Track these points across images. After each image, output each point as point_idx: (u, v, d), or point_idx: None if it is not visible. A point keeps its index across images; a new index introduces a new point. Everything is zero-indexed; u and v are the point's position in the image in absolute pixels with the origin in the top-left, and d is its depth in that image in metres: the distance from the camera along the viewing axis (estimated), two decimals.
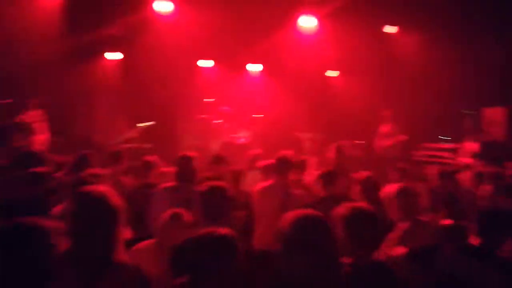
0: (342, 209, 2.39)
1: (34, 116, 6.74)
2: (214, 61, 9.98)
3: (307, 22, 9.26)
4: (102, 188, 2.33)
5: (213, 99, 8.10)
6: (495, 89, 7.95)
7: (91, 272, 1.99)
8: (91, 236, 2.07)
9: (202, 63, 10.09)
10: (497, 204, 3.57)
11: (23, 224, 1.78)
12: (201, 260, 2.05)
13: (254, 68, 10.57)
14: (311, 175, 5.64)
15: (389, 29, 9.64)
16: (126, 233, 2.90)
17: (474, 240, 2.60)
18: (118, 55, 9.54)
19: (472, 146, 7.00)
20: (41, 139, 6.63)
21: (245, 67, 10.56)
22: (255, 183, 5.24)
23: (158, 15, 8.56)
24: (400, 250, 2.94)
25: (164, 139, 8.57)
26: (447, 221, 3.04)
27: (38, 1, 7.47)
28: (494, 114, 7.68)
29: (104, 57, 9.53)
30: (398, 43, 9.62)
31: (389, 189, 3.83)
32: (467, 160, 6.72)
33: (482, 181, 4.46)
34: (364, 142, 8.65)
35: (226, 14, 8.65)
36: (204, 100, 9.16)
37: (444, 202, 3.89)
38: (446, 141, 8.57)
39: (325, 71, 10.96)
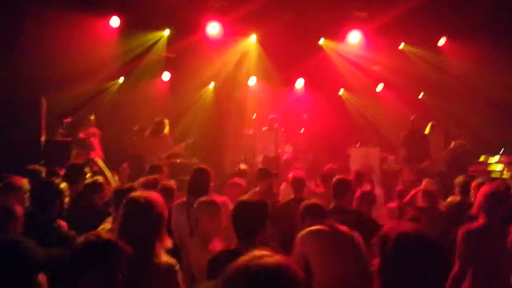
0: None
1: (90, 133, 7.28)
2: (261, 78, 10.19)
3: (354, 37, 9.24)
4: (151, 194, 2.53)
5: (256, 115, 8.22)
6: None
7: (132, 270, 2.07)
8: (136, 237, 2.25)
9: (250, 80, 10.35)
10: None
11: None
12: None
13: (300, 84, 10.64)
14: None
15: (441, 41, 9.29)
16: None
17: None
18: (169, 76, 10.06)
19: None
20: (97, 155, 7.13)
21: (292, 84, 10.66)
22: None
23: (208, 37, 8.97)
24: None
25: (211, 154, 8.85)
26: None
27: (96, 27, 8.11)
28: None
29: (160, 78, 10.09)
30: (450, 56, 9.23)
31: None
32: None
33: None
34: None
35: (271, 33, 8.89)
36: (253, 116, 9.35)
37: None
38: (504, 154, 7.98)
39: (375, 86, 10.77)
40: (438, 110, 9.52)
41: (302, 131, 9.10)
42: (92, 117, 7.87)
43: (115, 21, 8.46)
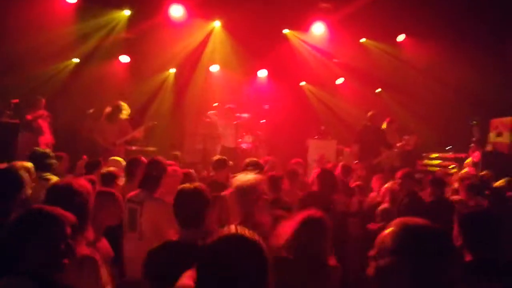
0: None
1: (38, 115, 6.92)
2: (224, 65, 10.05)
3: (318, 29, 9.27)
4: (74, 182, 2.43)
5: (217, 103, 8.11)
6: (506, 99, 7.74)
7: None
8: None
9: (213, 67, 10.18)
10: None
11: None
12: None
13: (263, 74, 10.60)
14: None
15: (400, 37, 9.50)
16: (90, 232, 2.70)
17: None
18: (128, 58, 9.70)
19: (478, 156, 6.82)
20: (46, 139, 6.80)
21: (254, 73, 10.59)
22: None
23: (171, 20, 8.71)
24: None
25: (168, 142, 8.69)
26: None
27: (50, 1, 7.65)
28: (502, 124, 7.45)
29: (118, 60, 9.70)
30: (406, 52, 9.48)
31: None
32: (473, 170, 6.56)
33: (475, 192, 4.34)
34: None
35: (236, 20, 8.76)
36: (213, 105, 9.23)
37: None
38: (451, 151, 8.37)
39: (336, 79, 10.89)
40: (397, 104, 9.80)
41: (263, 121, 9.09)
42: (42, 99, 7.45)
43: None
